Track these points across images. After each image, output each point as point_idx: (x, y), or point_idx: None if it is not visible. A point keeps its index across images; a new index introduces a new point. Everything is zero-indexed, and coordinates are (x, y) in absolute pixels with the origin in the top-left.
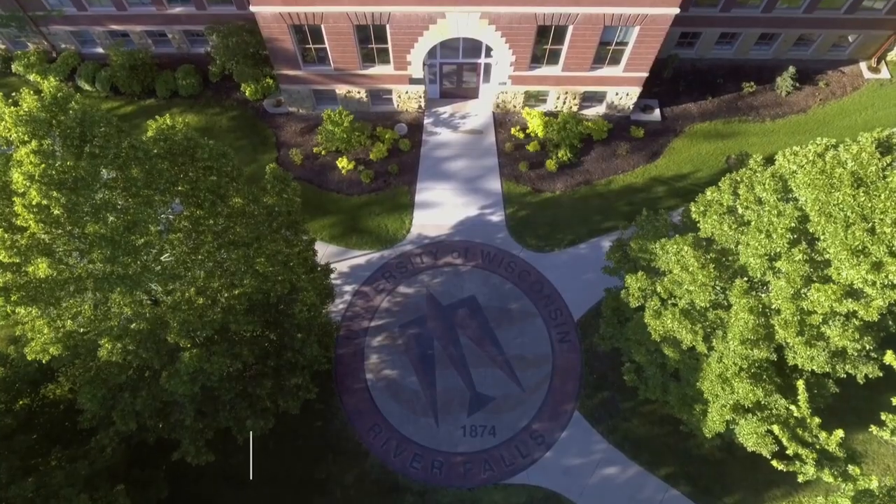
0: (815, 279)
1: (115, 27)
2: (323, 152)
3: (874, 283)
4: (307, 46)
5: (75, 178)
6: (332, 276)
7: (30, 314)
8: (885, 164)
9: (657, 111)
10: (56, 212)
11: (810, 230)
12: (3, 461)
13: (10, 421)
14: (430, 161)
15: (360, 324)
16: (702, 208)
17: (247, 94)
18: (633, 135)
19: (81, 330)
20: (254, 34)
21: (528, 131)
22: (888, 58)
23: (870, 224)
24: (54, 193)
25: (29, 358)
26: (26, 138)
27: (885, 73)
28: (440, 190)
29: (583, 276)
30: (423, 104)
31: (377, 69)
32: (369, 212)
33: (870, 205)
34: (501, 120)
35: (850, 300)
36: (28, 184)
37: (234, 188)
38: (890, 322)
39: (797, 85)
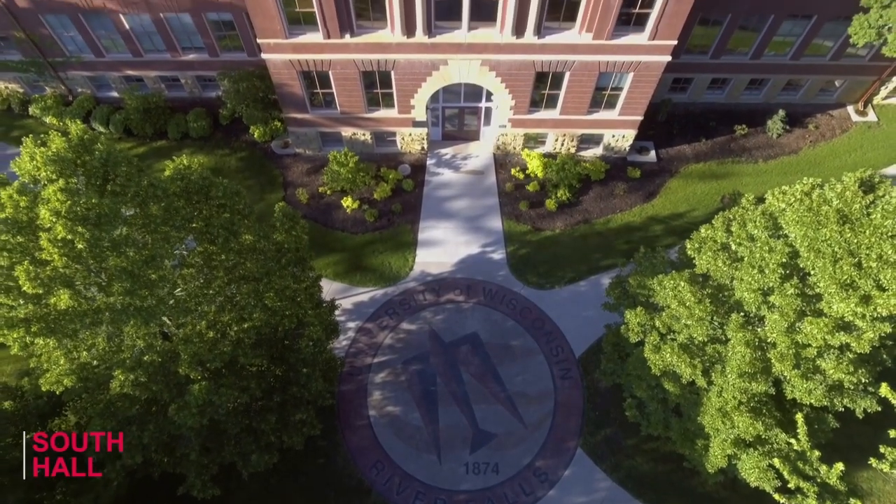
0: (808, 313)
1: (130, 72)
2: (328, 192)
3: (864, 316)
4: (315, 91)
5: (98, 214)
6: (337, 312)
7: (47, 345)
8: (868, 201)
9: (653, 153)
10: (80, 246)
11: (801, 265)
12: (9, 493)
13: (17, 454)
14: (432, 200)
15: (364, 360)
16: (697, 245)
17: (255, 136)
18: (630, 175)
19: (94, 363)
20: (263, 79)
21: (527, 172)
22: (874, 101)
23: (856, 259)
24: (79, 229)
25: (43, 389)
26: (54, 177)
27: (872, 116)
28: (442, 228)
29: (583, 313)
30: (425, 146)
31: (382, 113)
32: (373, 250)
33: (856, 240)
34: (502, 161)
35: (842, 333)
36: (54, 220)
37: (246, 225)
38: (885, 355)
39: (787, 127)
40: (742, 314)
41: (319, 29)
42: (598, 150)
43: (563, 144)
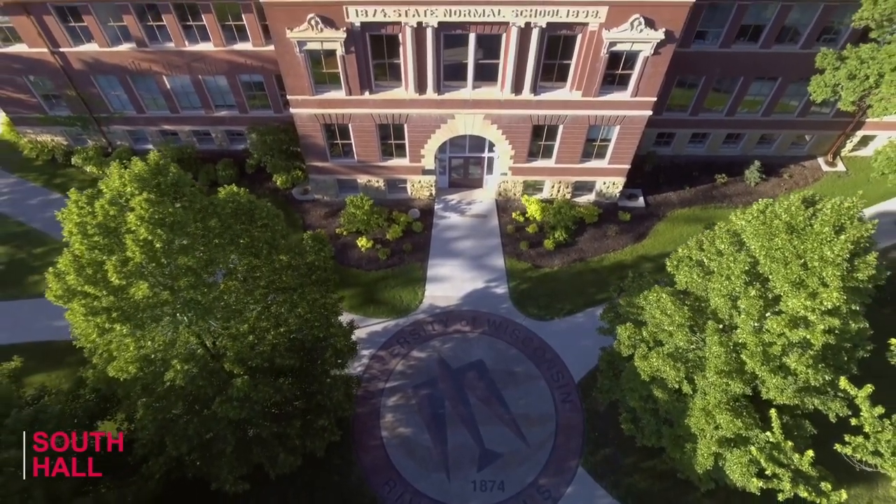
0: (769, 314)
1: (167, 127)
2: (345, 232)
3: (814, 310)
4: (335, 142)
5: (172, 221)
6: (352, 337)
7: (121, 332)
8: (809, 214)
9: (641, 199)
10: (157, 245)
11: (761, 271)
12: (61, 484)
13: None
14: (440, 241)
15: (377, 385)
16: (675, 262)
17: (278, 183)
18: (620, 218)
19: (154, 356)
20: (287, 133)
21: (527, 215)
22: (842, 154)
23: (803, 261)
24: (158, 231)
25: (111, 373)
26: (137, 192)
27: (840, 167)
28: (450, 266)
29: (581, 342)
30: (433, 192)
31: (395, 161)
32: (385, 285)
33: (802, 246)
34: (503, 206)
35: (800, 328)
36: (139, 223)
37: (282, 245)
38: (846, 358)
39: (764, 177)
40: (718, 323)
41: (342, 87)
42: (591, 196)
43: (558, 191)
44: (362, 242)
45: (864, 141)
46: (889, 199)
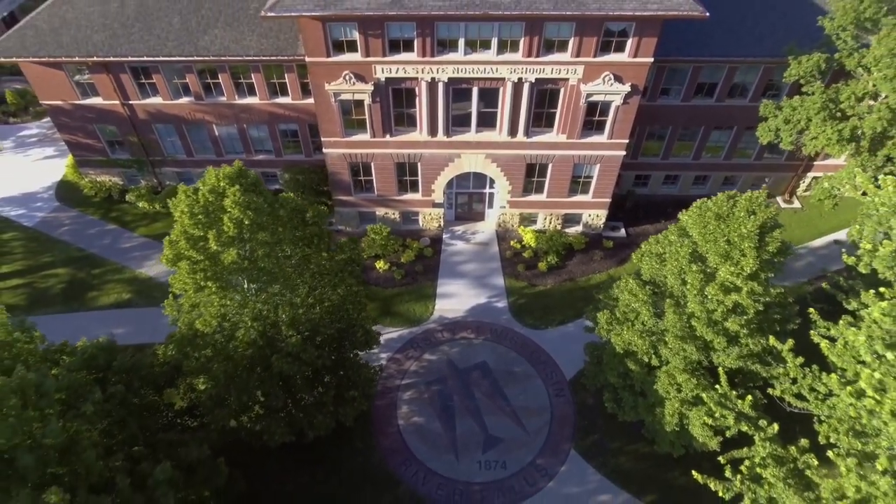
0: (709, 286)
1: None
2: (365, 256)
3: (738, 275)
4: (358, 178)
5: (256, 207)
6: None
7: (210, 289)
8: (731, 205)
9: (623, 230)
10: (246, 222)
11: (700, 252)
12: (152, 421)
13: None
14: (448, 264)
15: (394, 382)
16: (640, 255)
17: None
18: (605, 246)
19: (229, 316)
20: (316, 173)
21: (523, 243)
22: (798, 193)
23: (727, 238)
24: (247, 212)
25: (198, 326)
26: (228, 185)
27: (796, 204)
28: (456, 284)
29: (571, 347)
30: (442, 223)
31: (409, 196)
32: (400, 300)
33: (727, 228)
34: (503, 235)
35: (733, 294)
36: (233, 206)
37: (325, 242)
38: (782, 335)
39: None
40: (673, 299)
41: (368, 131)
42: (578, 228)
43: (550, 222)
44: (380, 265)
45: (815, 182)
46: (840, 231)
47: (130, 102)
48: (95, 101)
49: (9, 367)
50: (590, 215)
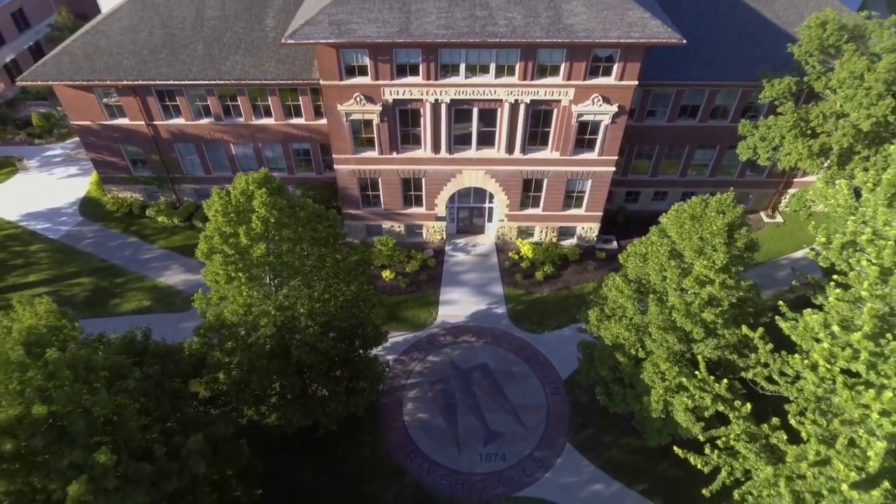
0: (686, 280)
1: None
2: (372, 266)
3: (710, 268)
4: (367, 192)
5: (280, 207)
6: (378, 348)
7: (240, 279)
8: (703, 206)
9: (615, 242)
10: (272, 220)
11: (678, 249)
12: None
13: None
14: (450, 273)
15: (400, 382)
16: (626, 256)
17: None
18: (598, 257)
19: (254, 307)
20: (326, 190)
21: (521, 254)
22: (780, 208)
23: (700, 235)
24: (273, 211)
25: (226, 314)
26: (256, 188)
27: (779, 219)
28: (458, 292)
29: (566, 349)
30: (444, 236)
31: (413, 209)
32: (405, 307)
33: (700, 227)
34: (502, 247)
35: (707, 286)
36: (260, 206)
37: (340, 244)
38: (752, 319)
39: None
40: (655, 294)
41: (376, 148)
42: (573, 240)
43: (546, 235)
44: (386, 274)
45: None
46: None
47: (154, 123)
48: (122, 121)
49: (60, 346)
50: (583, 228)
